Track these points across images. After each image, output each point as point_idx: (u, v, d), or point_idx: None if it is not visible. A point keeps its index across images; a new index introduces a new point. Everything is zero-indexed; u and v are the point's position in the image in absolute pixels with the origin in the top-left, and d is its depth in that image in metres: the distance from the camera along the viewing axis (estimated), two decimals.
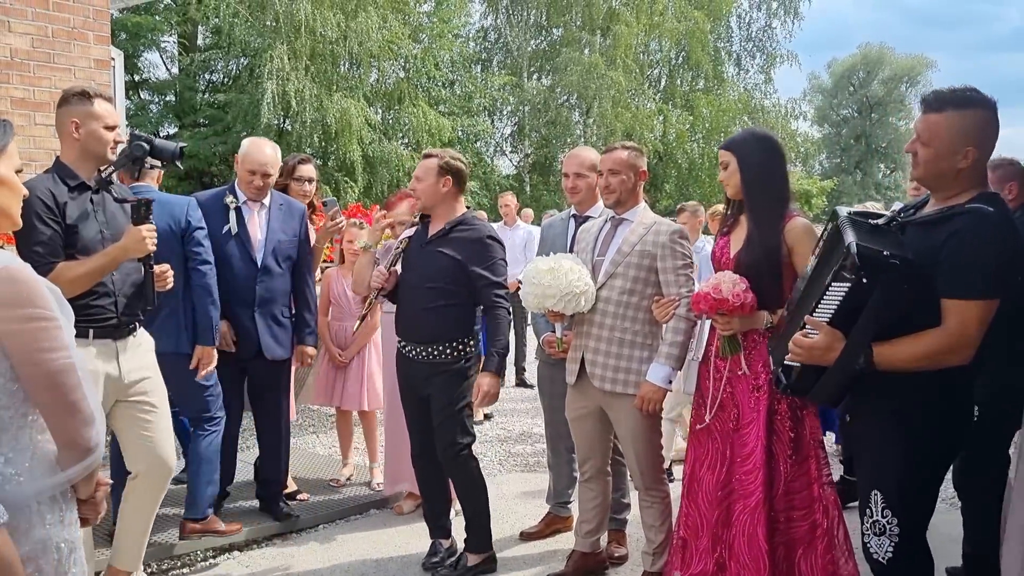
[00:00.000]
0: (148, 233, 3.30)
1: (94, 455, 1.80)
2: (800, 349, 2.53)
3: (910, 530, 2.55)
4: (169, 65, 20.67)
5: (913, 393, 2.47)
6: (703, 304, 3.12)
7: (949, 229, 2.42)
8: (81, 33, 6.14)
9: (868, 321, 2.39)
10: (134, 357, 3.42)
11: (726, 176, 3.23)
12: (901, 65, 43.41)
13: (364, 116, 18.54)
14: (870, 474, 2.61)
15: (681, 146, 24.70)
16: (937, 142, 2.47)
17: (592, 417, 3.69)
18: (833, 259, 2.46)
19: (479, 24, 26.38)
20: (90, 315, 3.27)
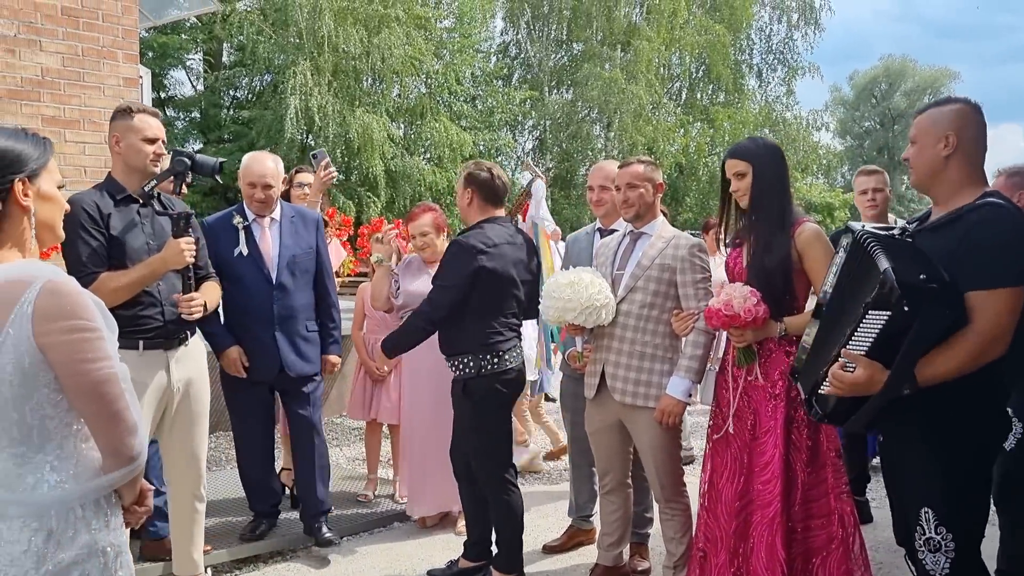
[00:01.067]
0: (187, 246, 3.41)
1: (137, 463, 1.85)
2: (842, 384, 2.46)
3: (964, 544, 2.50)
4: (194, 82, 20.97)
5: (947, 406, 2.44)
6: (715, 320, 3.15)
7: (964, 225, 2.43)
8: (110, 52, 6.26)
9: (912, 349, 2.33)
10: (185, 366, 3.54)
11: (744, 187, 3.23)
12: (924, 77, 43.15)
13: (386, 131, 18.68)
14: (915, 492, 2.57)
15: (702, 159, 24.65)
16: (921, 136, 2.60)
17: (611, 430, 3.70)
18: (866, 286, 2.40)
19: (500, 39, 26.53)
20: (139, 325, 3.38)
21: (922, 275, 2.32)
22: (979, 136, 2.56)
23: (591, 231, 4.29)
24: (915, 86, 42.92)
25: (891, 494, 2.97)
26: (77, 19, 6.07)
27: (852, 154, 43.22)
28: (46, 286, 1.72)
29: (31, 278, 1.72)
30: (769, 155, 3.24)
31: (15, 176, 1.79)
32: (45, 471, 1.78)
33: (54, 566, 1.75)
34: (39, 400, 1.76)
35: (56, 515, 1.77)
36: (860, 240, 2.51)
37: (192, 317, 3.49)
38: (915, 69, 43.76)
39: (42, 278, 1.73)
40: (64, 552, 1.77)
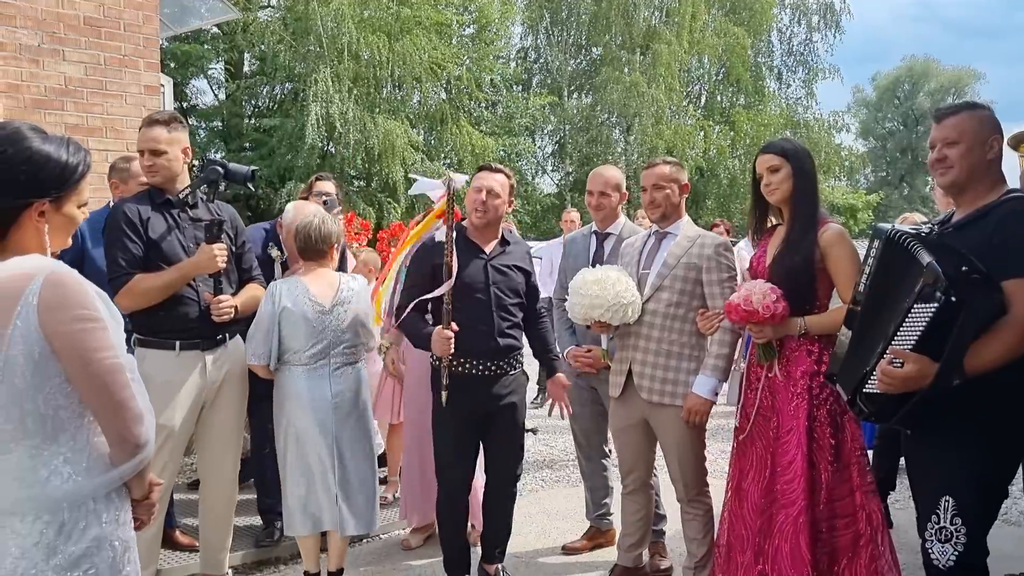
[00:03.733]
0: (219, 252, 3.49)
1: (144, 451, 1.87)
2: (892, 380, 2.46)
3: (975, 538, 2.52)
4: (216, 92, 21.16)
5: (984, 398, 2.45)
6: (734, 315, 3.15)
7: (994, 220, 2.51)
8: (132, 61, 6.31)
9: (960, 339, 2.36)
10: (222, 367, 3.61)
11: (776, 181, 3.20)
12: (947, 77, 42.78)
13: (407, 137, 18.74)
14: (941, 480, 2.57)
15: (722, 162, 24.55)
16: (967, 136, 2.60)
17: (637, 429, 3.69)
18: (906, 281, 2.43)
19: (519, 45, 26.58)
20: (176, 326, 3.47)
21: (963, 267, 2.38)
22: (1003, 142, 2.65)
23: (588, 232, 4.29)
24: (938, 86, 42.55)
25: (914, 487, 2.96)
26: (99, 28, 6.13)
27: (875, 156, 42.90)
28: (49, 278, 1.75)
29: (33, 271, 1.76)
30: (804, 153, 3.25)
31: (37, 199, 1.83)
32: (59, 463, 1.81)
33: (64, 559, 1.77)
34: (51, 390, 1.78)
35: (68, 508, 1.80)
36: (895, 238, 2.56)
37: (222, 319, 3.53)
38: (938, 69, 43.40)
39: (44, 271, 1.76)
40: (74, 545, 1.79)
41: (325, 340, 3.61)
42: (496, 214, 3.72)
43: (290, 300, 3.56)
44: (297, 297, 3.57)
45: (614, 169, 4.26)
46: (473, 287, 3.61)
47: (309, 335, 3.57)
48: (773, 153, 3.24)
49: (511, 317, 3.70)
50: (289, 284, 3.64)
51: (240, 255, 3.72)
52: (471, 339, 3.58)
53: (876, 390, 2.55)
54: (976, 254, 2.44)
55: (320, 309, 3.59)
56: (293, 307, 3.55)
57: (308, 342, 3.58)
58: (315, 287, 3.63)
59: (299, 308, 3.56)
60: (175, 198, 3.56)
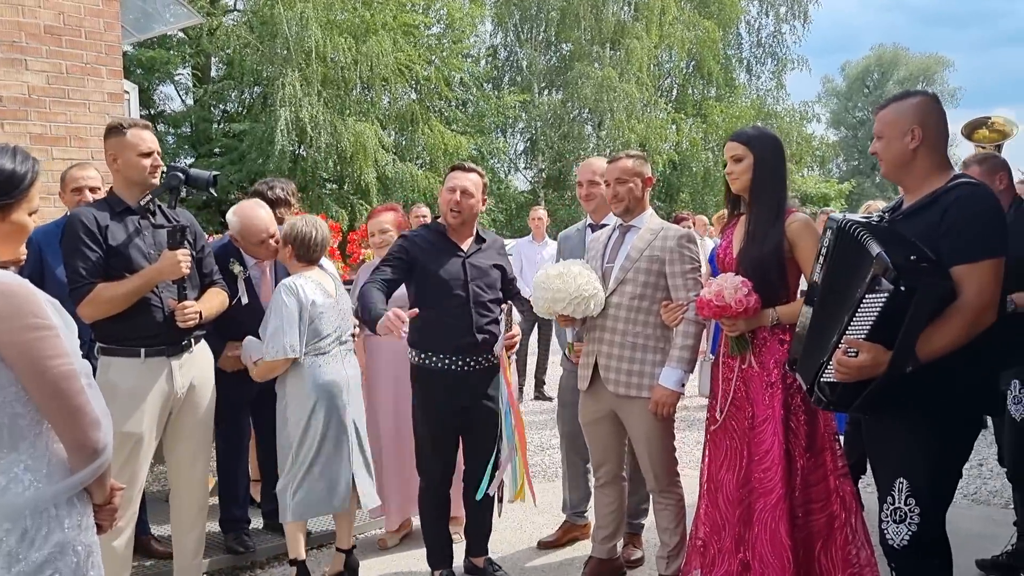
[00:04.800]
0: (183, 257, 3.45)
1: (103, 456, 1.87)
2: (847, 369, 2.50)
3: (929, 518, 2.57)
4: (184, 97, 21.00)
5: (935, 383, 2.49)
6: (707, 310, 3.17)
7: (941, 206, 2.54)
8: (95, 69, 6.26)
9: (912, 327, 2.40)
10: (189, 372, 3.59)
11: (738, 170, 3.23)
12: (916, 65, 43.25)
13: (378, 139, 18.70)
14: (897, 463, 2.62)
15: (695, 155, 24.66)
16: (887, 130, 2.67)
17: (606, 421, 3.71)
18: (858, 271, 2.47)
19: (489, 43, 26.54)
20: (140, 333, 3.44)
21: (912, 256, 2.41)
22: (941, 125, 2.69)
23: (582, 227, 4.31)
24: (908, 75, 42.99)
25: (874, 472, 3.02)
26: (60, 37, 6.07)
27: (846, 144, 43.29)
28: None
29: None
30: (769, 142, 3.25)
31: None
32: (19, 471, 1.80)
33: (27, 565, 1.77)
34: (8, 400, 1.78)
35: (30, 515, 1.79)
36: (846, 228, 2.60)
37: (187, 325, 3.51)
38: (907, 57, 43.88)
39: None
40: (37, 551, 1.78)
41: (339, 327, 3.89)
42: (471, 213, 3.79)
43: (313, 294, 3.80)
44: (316, 291, 3.81)
45: (602, 160, 4.27)
46: (451, 285, 3.68)
47: (327, 326, 3.84)
48: (738, 142, 3.26)
49: (488, 313, 3.76)
50: (305, 280, 3.83)
51: (200, 260, 3.70)
52: (450, 335, 3.66)
53: (833, 379, 2.59)
54: (925, 240, 2.48)
55: (332, 301, 3.87)
56: (317, 300, 3.80)
57: (328, 331, 3.84)
58: (323, 282, 3.90)
59: (322, 300, 3.82)
60: (136, 205, 3.53)
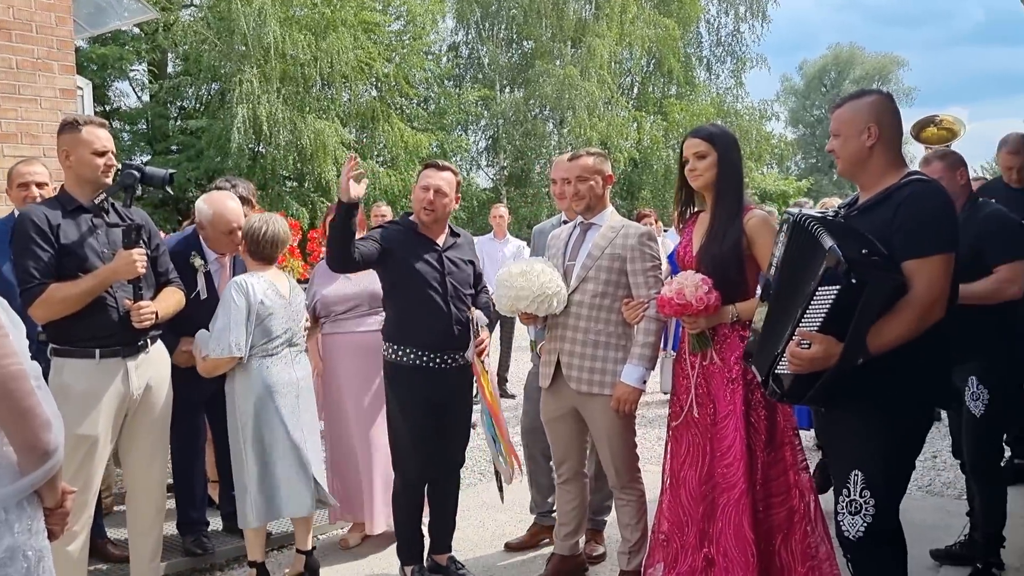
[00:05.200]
0: (139, 257, 3.39)
1: (54, 458, 1.83)
2: (800, 361, 2.53)
3: (884, 510, 2.61)
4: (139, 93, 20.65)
5: (892, 376, 2.53)
6: (668, 308, 3.18)
7: (894, 202, 2.59)
8: (46, 64, 6.12)
9: (863, 319, 2.44)
10: (145, 373, 3.52)
11: (702, 167, 3.25)
12: (872, 64, 43.94)
13: (339, 136, 18.56)
14: (851, 455, 2.66)
15: (656, 152, 24.83)
16: (844, 128, 2.72)
17: (567, 419, 3.71)
18: (812, 265, 2.50)
19: (451, 40, 26.47)
20: (95, 334, 3.37)
21: (864, 250, 2.45)
22: (896, 124, 2.75)
23: (557, 222, 4.33)
24: (864, 73, 43.64)
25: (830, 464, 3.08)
26: (10, 31, 5.92)
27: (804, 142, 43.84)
28: None
29: None
30: (731, 140, 3.30)
31: None
32: None
33: None
34: None
35: None
36: (801, 223, 2.63)
37: (143, 326, 3.44)
38: (863, 57, 44.57)
39: None
40: None
41: (288, 330, 3.83)
42: (444, 212, 3.81)
43: (263, 294, 3.74)
44: (267, 291, 3.76)
45: None
46: (429, 279, 3.70)
47: (277, 327, 3.78)
48: (700, 138, 3.27)
49: (465, 308, 3.79)
50: (256, 279, 3.78)
51: (155, 258, 3.63)
52: (428, 329, 3.68)
53: (787, 371, 2.62)
54: (878, 236, 2.53)
55: (284, 302, 3.82)
56: (267, 300, 3.73)
57: (274, 334, 3.78)
58: (277, 282, 3.85)
59: (271, 301, 3.76)
60: (90, 204, 3.46)
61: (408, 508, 3.90)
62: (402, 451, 3.84)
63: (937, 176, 3.65)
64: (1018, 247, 3.56)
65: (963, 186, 3.71)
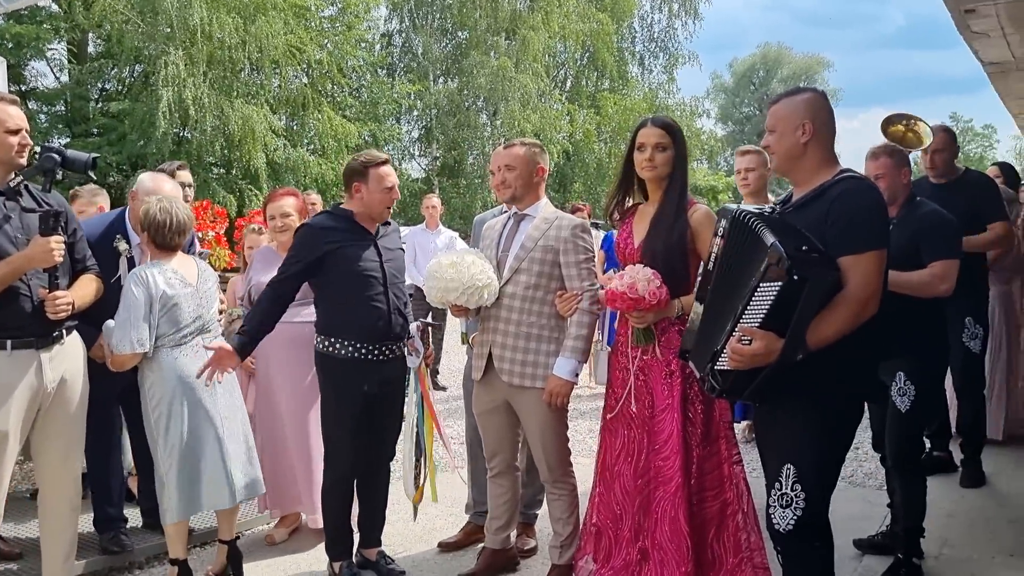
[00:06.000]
0: (56, 244, 3.20)
1: None
2: (741, 357, 2.53)
3: (814, 503, 2.64)
4: (58, 74, 19.87)
5: (824, 372, 2.55)
6: (619, 303, 3.12)
7: (828, 199, 2.62)
8: None
9: (804, 315, 2.45)
10: (59, 365, 3.35)
11: (661, 160, 3.22)
12: (799, 65, 45.01)
13: (268, 123, 18.17)
14: (783, 449, 2.69)
15: (588, 146, 25.01)
16: (780, 124, 2.74)
17: (500, 412, 3.67)
18: (752, 261, 2.50)
19: (384, 29, 26.16)
20: (6, 324, 3.19)
21: (803, 247, 2.47)
22: (830, 121, 2.75)
23: (498, 212, 4.27)
24: (791, 73, 44.66)
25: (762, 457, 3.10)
26: None
27: (733, 139, 44.66)
28: None
29: None
30: (682, 134, 3.31)
31: None
32: None
33: None
34: None
35: None
36: (741, 219, 2.63)
37: (58, 316, 3.27)
38: (791, 57, 45.62)
39: None
40: None
41: (199, 318, 3.69)
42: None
43: (165, 284, 3.58)
44: (171, 280, 3.61)
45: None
46: (367, 268, 3.64)
47: (184, 316, 3.64)
48: (664, 130, 3.25)
49: (402, 295, 3.78)
50: (158, 269, 3.63)
51: (72, 244, 3.45)
52: (366, 319, 3.63)
53: (727, 367, 2.62)
54: (814, 232, 2.55)
55: (191, 290, 3.67)
56: (170, 290, 3.59)
57: (183, 323, 3.64)
58: (182, 269, 3.70)
59: (175, 290, 3.61)
60: (4, 186, 3.26)
61: (338, 503, 3.82)
62: (335, 444, 3.75)
63: (882, 171, 3.73)
64: (953, 247, 3.64)
65: (905, 185, 3.78)
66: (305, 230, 3.73)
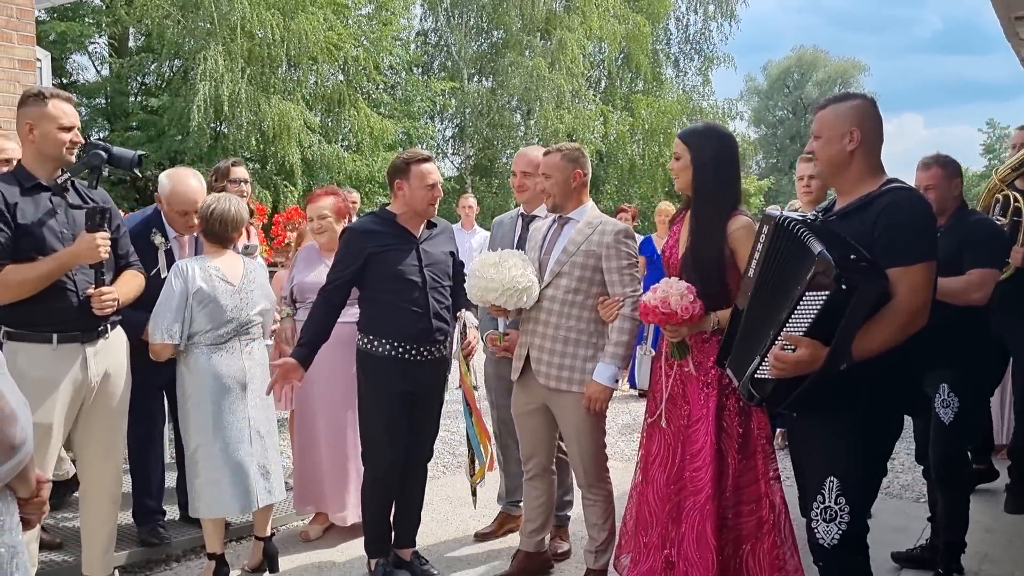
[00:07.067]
0: (102, 241, 3.26)
1: (21, 452, 1.73)
2: (784, 365, 2.50)
3: (858, 516, 2.61)
4: (99, 68, 20.14)
5: (863, 383, 2.52)
6: (652, 316, 3.11)
7: (876, 209, 2.58)
8: (4, 33, 5.92)
9: (850, 325, 2.42)
10: (103, 360, 3.40)
11: (677, 168, 3.21)
12: (834, 68, 44.44)
13: (303, 119, 18.27)
14: (825, 462, 2.66)
15: (622, 147, 24.85)
16: (826, 130, 2.70)
17: (537, 414, 3.68)
18: (799, 269, 2.47)
19: (419, 27, 26.22)
20: (53, 318, 3.24)
21: (851, 255, 2.44)
22: (878, 129, 2.73)
23: (515, 215, 4.29)
24: (826, 77, 44.13)
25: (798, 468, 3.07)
26: None
27: (766, 142, 44.31)
28: None
29: None
30: (712, 142, 3.19)
31: None
32: None
33: None
34: None
35: None
36: (786, 225, 2.59)
37: (104, 312, 3.32)
38: (826, 60, 45.04)
39: None
40: None
41: (237, 319, 3.71)
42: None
43: (203, 280, 3.62)
44: (210, 277, 3.64)
45: (539, 149, 4.24)
46: (406, 271, 3.65)
47: (222, 314, 3.66)
48: (679, 139, 3.23)
49: (443, 299, 3.77)
50: (200, 264, 3.67)
51: (116, 240, 3.50)
52: (405, 322, 3.64)
53: (768, 375, 2.59)
54: (860, 242, 2.51)
55: (232, 289, 3.69)
56: (207, 287, 3.62)
57: (221, 321, 3.67)
58: (225, 267, 3.72)
59: (212, 288, 3.64)
60: (51, 182, 3.31)
61: (378, 501, 3.84)
62: (373, 443, 3.77)
63: (934, 182, 3.67)
64: (996, 257, 3.60)
65: (955, 196, 3.73)
66: (348, 234, 3.77)
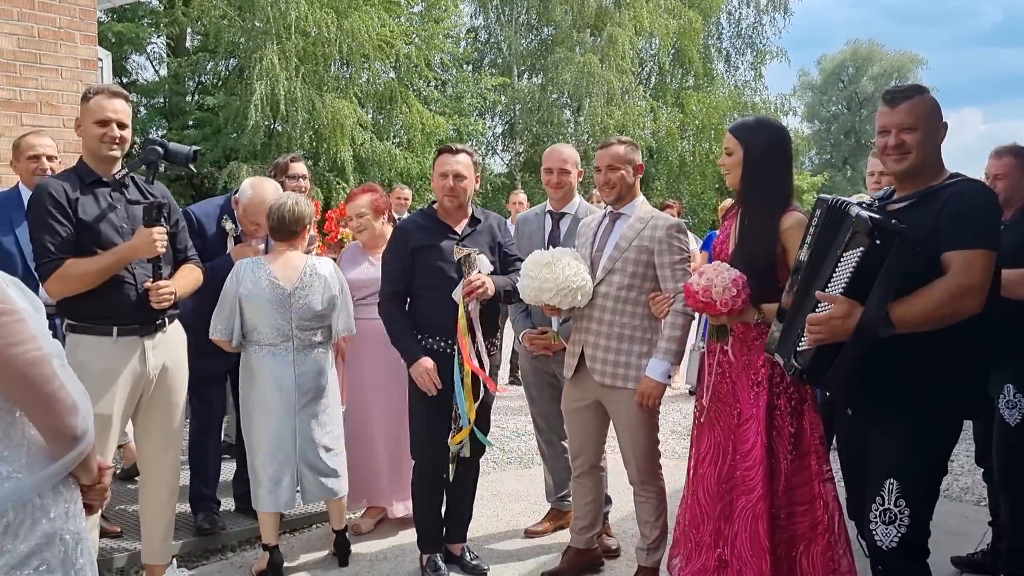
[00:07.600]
0: (159, 236, 3.34)
1: (84, 442, 1.78)
2: (818, 325, 2.49)
3: (918, 519, 2.57)
4: (157, 67, 20.56)
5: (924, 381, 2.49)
6: (691, 300, 3.09)
7: (942, 198, 2.56)
8: (68, 33, 6.08)
9: (885, 282, 2.39)
10: (162, 353, 3.49)
11: (728, 164, 3.16)
12: (891, 62, 43.46)
13: (356, 116, 18.44)
14: (884, 463, 2.62)
15: (672, 143, 24.66)
16: (923, 122, 2.63)
17: (589, 410, 3.67)
18: (838, 237, 2.49)
19: (470, 24, 26.30)
20: (113, 311, 3.33)
21: (893, 220, 2.47)
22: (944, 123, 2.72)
23: (541, 211, 4.29)
24: (882, 71, 43.18)
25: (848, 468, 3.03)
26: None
27: (820, 138, 43.56)
28: None
29: None
30: (764, 138, 3.11)
31: None
32: None
33: (12, 558, 1.68)
34: None
35: (12, 507, 1.70)
36: (835, 205, 2.61)
37: (161, 306, 3.40)
38: (882, 54, 44.08)
39: None
40: (22, 543, 1.70)
41: (287, 322, 3.74)
42: (466, 195, 3.81)
43: (251, 282, 3.68)
44: (259, 279, 3.69)
45: (570, 147, 4.25)
46: (444, 268, 3.69)
47: (270, 317, 3.71)
48: (731, 134, 3.19)
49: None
50: (253, 265, 3.74)
51: (174, 235, 3.58)
52: (441, 316, 3.67)
53: (807, 347, 2.57)
54: (925, 231, 2.49)
55: (282, 292, 3.71)
56: (253, 288, 3.68)
57: (270, 323, 3.72)
58: (279, 270, 3.75)
59: (260, 290, 3.69)
60: (110, 178, 3.40)
61: (423, 495, 3.87)
62: (417, 436, 3.82)
63: (1004, 171, 3.60)
64: None
65: None
66: (395, 232, 3.84)
